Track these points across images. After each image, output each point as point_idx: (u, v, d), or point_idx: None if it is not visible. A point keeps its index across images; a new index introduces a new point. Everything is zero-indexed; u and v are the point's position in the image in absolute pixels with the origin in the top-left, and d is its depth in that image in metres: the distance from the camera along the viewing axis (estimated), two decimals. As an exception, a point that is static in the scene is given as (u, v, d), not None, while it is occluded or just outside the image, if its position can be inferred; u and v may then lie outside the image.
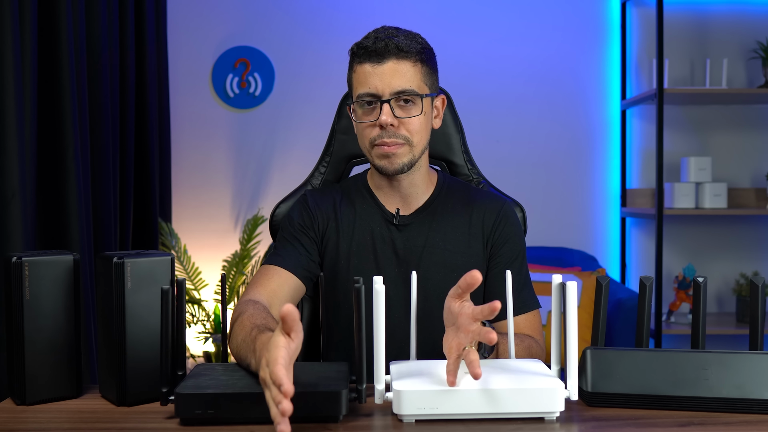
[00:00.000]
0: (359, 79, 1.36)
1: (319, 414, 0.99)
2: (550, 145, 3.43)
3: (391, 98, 1.33)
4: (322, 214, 1.46)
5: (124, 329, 1.07)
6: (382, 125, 1.33)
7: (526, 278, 1.46)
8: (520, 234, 1.48)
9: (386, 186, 1.44)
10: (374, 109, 1.35)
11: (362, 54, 1.35)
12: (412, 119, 1.35)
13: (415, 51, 1.34)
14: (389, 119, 1.33)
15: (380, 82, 1.33)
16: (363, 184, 1.49)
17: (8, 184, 1.89)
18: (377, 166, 1.39)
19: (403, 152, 1.36)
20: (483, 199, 1.48)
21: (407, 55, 1.33)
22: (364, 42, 1.35)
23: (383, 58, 1.33)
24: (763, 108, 3.43)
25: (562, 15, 3.42)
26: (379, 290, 1.03)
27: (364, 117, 1.37)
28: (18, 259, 1.08)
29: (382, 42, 1.33)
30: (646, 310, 1.14)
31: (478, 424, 1.00)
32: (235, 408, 0.98)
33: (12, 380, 1.11)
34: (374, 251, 1.42)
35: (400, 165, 1.37)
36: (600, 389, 1.07)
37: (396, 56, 1.33)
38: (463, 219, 1.45)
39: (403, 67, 1.33)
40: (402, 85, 1.33)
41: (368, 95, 1.35)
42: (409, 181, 1.43)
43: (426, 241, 1.42)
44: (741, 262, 3.42)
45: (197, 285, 3.06)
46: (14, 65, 1.90)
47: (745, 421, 1.01)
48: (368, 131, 1.36)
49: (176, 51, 3.31)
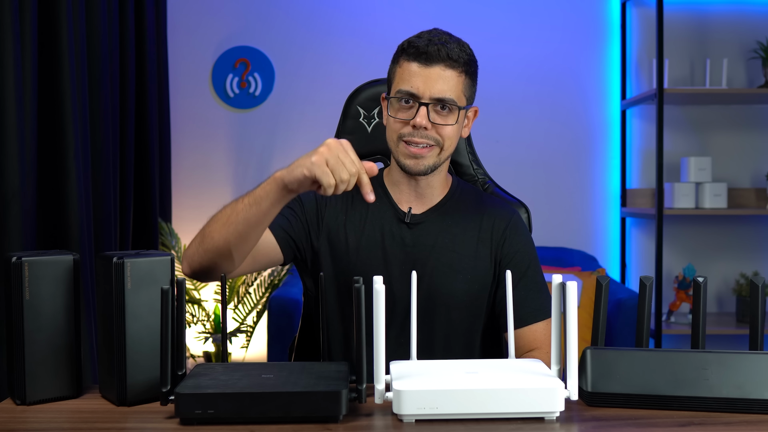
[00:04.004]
0: (403, 76, 1.36)
1: (319, 414, 0.99)
2: (550, 145, 3.43)
3: (430, 102, 1.34)
4: (331, 204, 1.46)
5: (124, 329, 1.07)
6: (415, 126, 1.35)
7: (542, 284, 1.46)
8: (529, 242, 1.48)
9: (403, 183, 1.45)
10: (411, 108, 1.36)
11: (412, 52, 1.35)
12: (446, 127, 1.36)
13: (463, 62, 1.35)
14: (424, 122, 1.34)
15: (423, 85, 1.34)
16: (378, 181, 1.49)
17: (8, 184, 1.89)
18: (402, 164, 1.40)
19: (432, 155, 1.38)
20: (494, 206, 1.49)
21: (455, 65, 1.34)
22: (416, 41, 1.36)
23: (432, 62, 1.33)
24: (763, 108, 3.44)
25: (563, 15, 3.43)
26: (379, 290, 1.03)
27: (399, 113, 1.37)
28: (18, 259, 1.08)
29: (434, 46, 1.33)
30: (646, 310, 1.14)
31: (478, 423, 1.00)
32: (235, 408, 0.98)
33: (12, 380, 1.11)
34: (383, 248, 1.43)
35: (425, 167, 1.38)
36: (600, 389, 1.07)
37: (444, 63, 1.34)
38: (474, 223, 1.46)
39: (448, 74, 1.34)
40: (444, 93, 1.34)
41: (408, 93, 1.35)
42: (427, 182, 1.44)
43: (435, 240, 1.43)
44: (741, 262, 3.41)
45: (197, 285, 3.07)
46: (14, 65, 1.90)
47: (745, 421, 1.01)
48: (399, 126, 1.37)
49: (176, 51, 3.32)
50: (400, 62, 1.38)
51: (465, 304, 1.43)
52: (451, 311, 1.43)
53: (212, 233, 1.29)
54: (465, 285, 1.42)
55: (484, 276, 1.44)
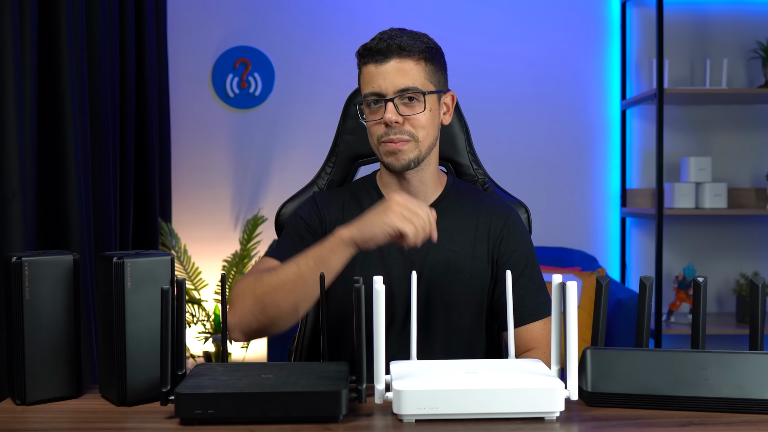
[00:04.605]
0: (365, 80, 1.40)
1: (319, 414, 0.99)
2: (550, 145, 3.44)
3: (394, 96, 1.36)
4: (330, 215, 1.48)
5: (124, 329, 1.08)
6: (387, 123, 1.37)
7: (540, 283, 1.47)
8: (527, 241, 1.49)
9: (395, 184, 1.47)
10: (380, 108, 1.39)
11: (366, 55, 1.39)
12: (416, 116, 1.38)
13: (418, 50, 1.37)
14: (393, 117, 1.36)
15: (383, 82, 1.36)
16: (372, 184, 1.52)
17: (8, 184, 1.90)
18: (385, 163, 1.42)
19: (409, 148, 1.39)
20: (491, 204, 1.49)
21: (409, 54, 1.36)
22: (368, 43, 1.39)
23: (386, 58, 1.36)
24: (763, 108, 3.44)
25: (563, 15, 3.43)
26: (379, 290, 1.03)
27: (371, 116, 1.41)
28: (18, 259, 1.09)
29: (384, 42, 1.36)
30: (646, 310, 1.14)
31: (477, 423, 1.00)
32: (235, 408, 0.99)
33: (12, 380, 1.12)
34: (380, 249, 1.43)
35: (406, 161, 1.40)
36: (600, 389, 1.08)
37: (398, 55, 1.36)
38: (471, 222, 1.46)
39: (405, 65, 1.37)
40: (405, 84, 1.36)
41: (373, 94, 1.38)
42: (419, 179, 1.45)
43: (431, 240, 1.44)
44: (741, 262, 3.42)
45: (197, 285, 3.07)
46: (14, 65, 1.91)
47: (745, 421, 1.02)
48: (375, 129, 1.40)
49: (176, 51, 3.32)
50: (360, 68, 1.42)
51: (464, 303, 1.44)
52: (450, 310, 1.43)
53: (278, 301, 1.30)
54: (463, 284, 1.43)
55: (482, 275, 1.44)
